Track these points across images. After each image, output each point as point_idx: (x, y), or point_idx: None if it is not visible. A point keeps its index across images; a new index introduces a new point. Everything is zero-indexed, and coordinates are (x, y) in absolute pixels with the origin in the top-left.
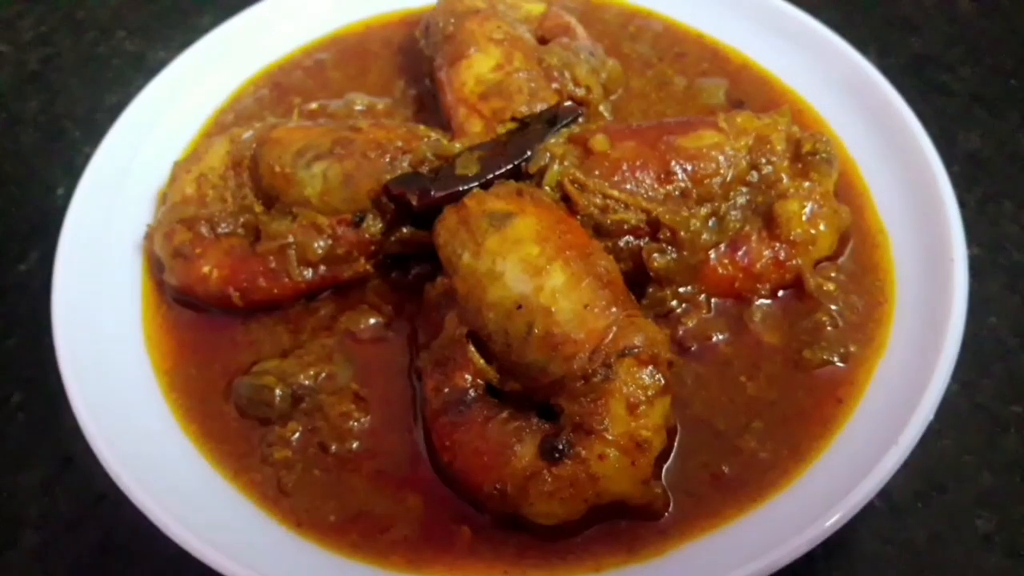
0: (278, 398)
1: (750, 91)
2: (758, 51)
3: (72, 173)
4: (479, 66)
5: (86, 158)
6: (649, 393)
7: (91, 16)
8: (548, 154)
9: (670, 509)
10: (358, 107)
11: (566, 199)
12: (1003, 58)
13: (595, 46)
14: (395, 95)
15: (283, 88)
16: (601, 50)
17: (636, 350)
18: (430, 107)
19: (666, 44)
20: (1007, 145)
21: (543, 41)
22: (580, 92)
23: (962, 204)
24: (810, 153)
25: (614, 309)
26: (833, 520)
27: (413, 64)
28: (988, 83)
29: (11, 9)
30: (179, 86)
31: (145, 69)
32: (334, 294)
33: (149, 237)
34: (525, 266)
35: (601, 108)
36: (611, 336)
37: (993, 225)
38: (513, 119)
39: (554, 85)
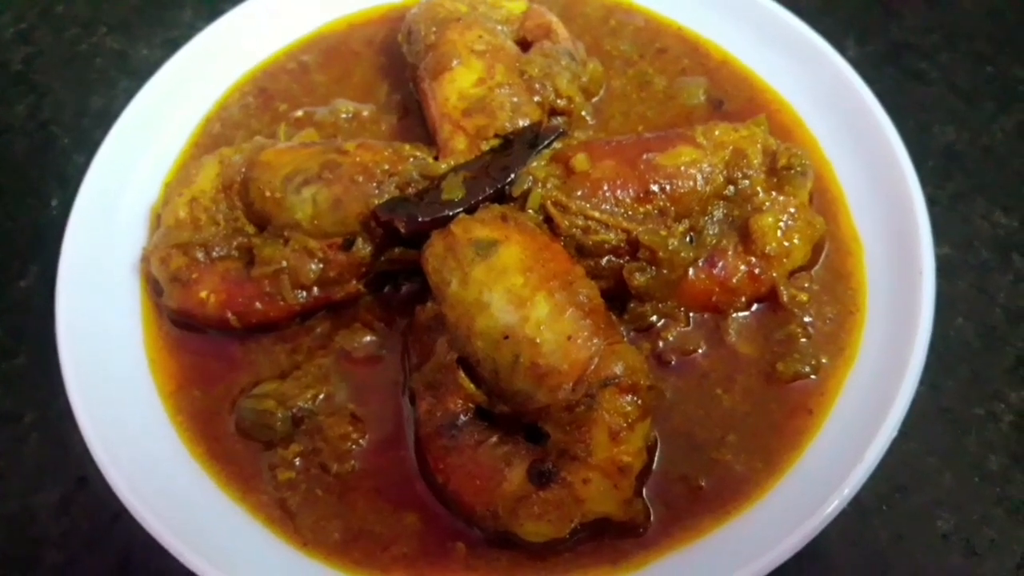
0: (279, 421)
1: (729, 89)
2: (737, 46)
3: (64, 184)
4: (461, 80)
5: (77, 168)
6: (630, 420)
7: (70, 11)
8: (531, 177)
9: (651, 523)
10: (343, 115)
11: (549, 220)
12: (981, 43)
13: (576, 47)
14: (379, 100)
15: (268, 94)
16: (582, 50)
17: (617, 380)
18: (414, 112)
19: (647, 39)
20: (981, 137)
21: (525, 44)
22: (562, 103)
23: (934, 201)
24: (785, 167)
25: (595, 340)
26: (803, 535)
27: (396, 65)
28: (965, 70)
29: None
30: (166, 96)
31: (128, 69)
32: (328, 312)
33: (145, 260)
34: (511, 297)
35: (583, 113)
36: (593, 366)
37: (964, 223)
38: (496, 136)
39: (536, 98)
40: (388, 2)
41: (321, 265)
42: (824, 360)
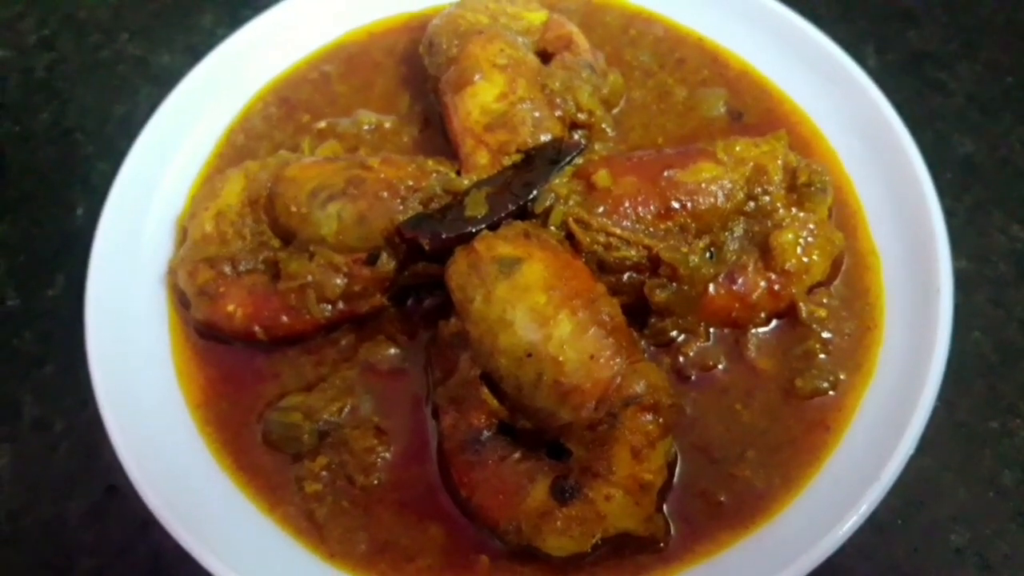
0: (306, 434)
1: (749, 100)
2: (757, 56)
3: (89, 191)
4: (484, 95)
5: (101, 175)
6: (651, 438)
7: (92, 17)
8: (553, 194)
9: (671, 538)
10: (365, 127)
11: (570, 237)
12: (1000, 53)
13: (596, 58)
14: (401, 111)
15: (291, 104)
16: (603, 60)
17: (639, 399)
18: (435, 123)
19: (666, 49)
20: (999, 149)
21: (545, 55)
22: (583, 117)
23: (952, 213)
24: (805, 184)
25: (618, 359)
26: (820, 552)
27: (417, 74)
28: (984, 81)
29: (11, 10)
30: (188, 106)
31: (150, 76)
32: (353, 324)
33: (172, 272)
34: (534, 315)
35: (604, 126)
36: (616, 385)
37: (981, 235)
38: (518, 151)
39: (557, 112)
40: (409, 10)
41: (346, 280)
42: (842, 376)
